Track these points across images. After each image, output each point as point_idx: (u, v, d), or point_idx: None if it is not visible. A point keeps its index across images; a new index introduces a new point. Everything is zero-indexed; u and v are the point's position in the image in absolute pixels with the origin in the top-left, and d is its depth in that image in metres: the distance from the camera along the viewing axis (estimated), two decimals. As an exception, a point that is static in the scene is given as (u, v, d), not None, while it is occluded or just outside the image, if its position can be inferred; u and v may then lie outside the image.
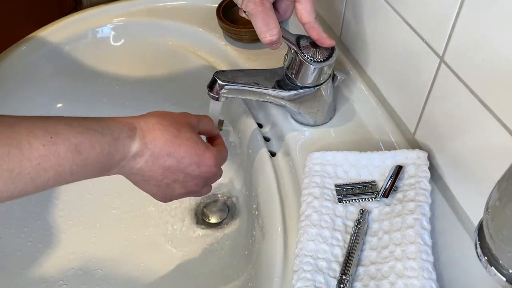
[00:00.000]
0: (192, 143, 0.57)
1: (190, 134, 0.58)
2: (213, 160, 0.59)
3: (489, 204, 0.38)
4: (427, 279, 0.52)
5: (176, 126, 0.57)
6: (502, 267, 0.38)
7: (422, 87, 0.62)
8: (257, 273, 0.65)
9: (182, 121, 0.58)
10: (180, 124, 0.58)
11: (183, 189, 0.60)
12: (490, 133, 0.52)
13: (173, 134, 0.56)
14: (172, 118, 0.58)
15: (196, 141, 0.58)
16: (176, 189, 0.60)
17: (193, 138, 0.58)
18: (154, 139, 0.55)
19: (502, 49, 0.47)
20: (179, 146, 0.56)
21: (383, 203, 0.61)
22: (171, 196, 0.61)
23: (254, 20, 0.62)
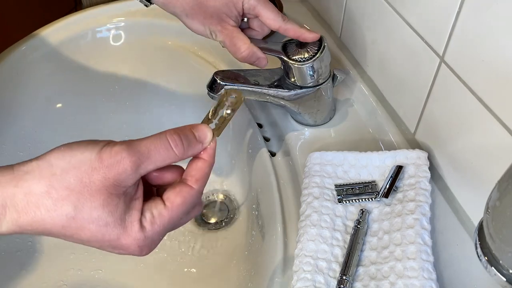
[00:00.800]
0: (98, 227, 0.40)
1: (98, 212, 0.39)
2: (135, 247, 0.42)
3: (489, 204, 0.38)
4: (427, 279, 0.52)
5: (76, 197, 0.39)
6: (502, 267, 0.38)
7: (422, 87, 0.62)
8: (257, 273, 0.65)
9: (94, 186, 0.39)
10: (87, 192, 0.39)
11: None
12: (490, 133, 0.52)
13: (66, 216, 0.39)
14: (77, 180, 0.39)
15: (106, 223, 0.40)
16: None
17: (101, 219, 0.40)
18: (33, 222, 0.39)
19: (502, 49, 0.47)
20: (79, 230, 0.40)
21: (383, 203, 0.60)
22: None
23: (225, 45, 0.65)
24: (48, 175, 0.39)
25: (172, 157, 0.43)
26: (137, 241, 0.42)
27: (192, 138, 0.44)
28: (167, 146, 0.42)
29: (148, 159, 0.41)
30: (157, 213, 0.43)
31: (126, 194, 0.41)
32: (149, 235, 0.42)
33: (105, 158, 0.40)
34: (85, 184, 0.39)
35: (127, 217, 0.41)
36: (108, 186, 0.40)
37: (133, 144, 0.41)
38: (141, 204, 0.43)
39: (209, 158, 0.46)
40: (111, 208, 0.40)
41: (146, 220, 0.42)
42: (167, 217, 0.43)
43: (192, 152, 0.44)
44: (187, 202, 0.44)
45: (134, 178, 0.41)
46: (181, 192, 0.44)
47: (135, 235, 0.42)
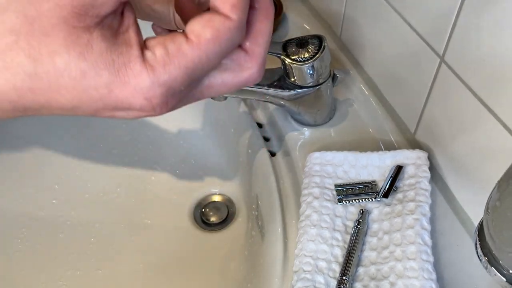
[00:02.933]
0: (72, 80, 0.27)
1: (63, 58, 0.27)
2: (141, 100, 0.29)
3: (490, 205, 0.38)
4: (427, 279, 0.52)
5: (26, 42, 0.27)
6: (503, 268, 0.38)
7: (422, 86, 0.61)
8: (256, 274, 0.64)
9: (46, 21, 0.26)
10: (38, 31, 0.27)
11: None
12: (490, 133, 0.51)
13: (25, 73, 0.27)
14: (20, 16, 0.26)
15: (82, 71, 0.27)
16: None
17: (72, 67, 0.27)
18: None
19: (503, 49, 0.47)
20: (53, 93, 0.28)
21: (383, 203, 0.60)
22: None
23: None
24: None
25: None
26: (142, 91, 0.28)
27: None
28: None
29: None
30: (175, 49, 0.29)
31: (102, 27, 0.28)
32: (162, 81, 0.28)
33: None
34: (32, 19, 0.26)
35: (115, 56, 0.28)
36: (66, 16, 0.26)
37: None
38: (137, 37, 0.29)
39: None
40: (80, 48, 0.27)
41: (155, 58, 0.28)
42: (193, 57, 0.29)
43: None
44: (222, 38, 0.29)
45: (107, 0, 0.27)
46: (211, 23, 0.29)
47: (136, 81, 0.28)
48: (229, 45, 0.30)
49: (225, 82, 0.32)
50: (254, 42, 0.32)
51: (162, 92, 0.28)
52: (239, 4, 0.29)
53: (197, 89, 0.32)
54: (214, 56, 0.29)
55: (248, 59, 0.32)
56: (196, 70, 0.29)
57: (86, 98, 0.28)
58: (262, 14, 0.32)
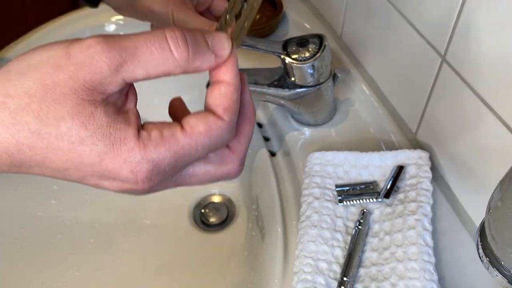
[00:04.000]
0: (70, 144, 0.30)
1: (67, 124, 0.30)
2: (127, 172, 0.31)
3: (491, 205, 0.37)
4: (428, 280, 0.51)
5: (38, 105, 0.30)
6: (504, 268, 0.38)
7: (423, 86, 0.61)
8: (257, 274, 0.64)
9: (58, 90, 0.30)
10: (50, 98, 0.30)
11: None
12: (492, 133, 0.51)
13: (30, 131, 0.30)
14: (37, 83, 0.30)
15: (80, 138, 0.30)
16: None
17: (73, 133, 0.30)
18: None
19: (504, 48, 0.47)
20: (49, 153, 0.31)
21: (384, 203, 0.60)
22: None
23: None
24: (3, 82, 0.31)
25: (170, 62, 0.32)
26: (131, 164, 0.31)
27: (202, 43, 0.33)
28: (164, 45, 0.31)
29: (134, 57, 0.31)
30: (169, 134, 0.32)
31: (107, 103, 0.31)
32: (151, 158, 0.31)
33: (73, 54, 0.30)
34: (47, 87, 0.30)
35: (113, 131, 0.31)
36: (77, 89, 0.30)
37: (114, 37, 0.31)
38: (136, 118, 0.33)
39: (233, 79, 0.34)
40: (83, 118, 0.30)
41: (149, 139, 0.31)
42: (183, 144, 0.32)
43: (200, 64, 0.33)
44: (213, 133, 0.32)
45: (115, 81, 0.31)
46: (205, 119, 0.33)
47: (127, 155, 0.30)
48: (219, 142, 0.33)
49: (207, 173, 0.36)
50: (238, 141, 0.36)
51: (148, 168, 0.31)
52: (231, 108, 0.34)
53: (181, 175, 0.35)
54: (202, 148, 0.33)
55: (231, 155, 0.36)
56: (184, 156, 0.32)
57: (78, 162, 0.31)
58: (246, 118, 0.37)
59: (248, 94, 0.37)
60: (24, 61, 0.31)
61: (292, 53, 0.64)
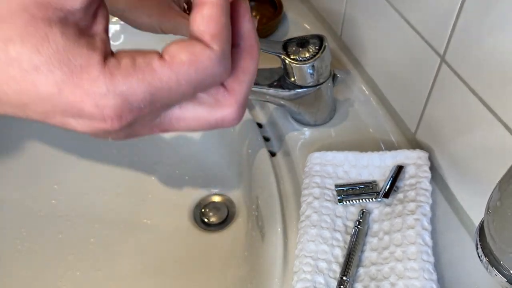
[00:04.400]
0: (23, 72, 0.25)
1: (16, 47, 0.24)
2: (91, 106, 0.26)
3: (490, 205, 0.37)
4: (427, 280, 0.52)
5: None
6: (503, 268, 0.38)
7: (423, 86, 0.61)
8: (256, 274, 0.64)
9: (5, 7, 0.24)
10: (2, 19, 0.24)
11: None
12: (491, 133, 0.51)
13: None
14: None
15: (34, 65, 0.25)
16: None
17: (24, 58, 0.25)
18: None
19: (504, 49, 0.47)
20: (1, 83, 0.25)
21: (384, 203, 0.60)
22: None
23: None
24: None
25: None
26: (94, 97, 0.25)
27: None
28: None
29: None
30: (143, 62, 0.26)
31: (66, 23, 0.25)
32: (119, 91, 0.25)
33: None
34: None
35: (72, 56, 0.25)
36: (26, 3, 0.24)
37: None
38: (104, 44, 0.27)
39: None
40: (35, 40, 0.24)
41: (118, 66, 0.26)
42: (161, 75, 0.26)
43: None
44: (200, 65, 0.26)
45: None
46: (190, 47, 0.26)
47: (89, 85, 0.25)
48: (208, 76, 0.27)
49: (198, 117, 0.30)
50: (235, 80, 0.30)
51: (116, 103, 0.26)
52: (220, 34, 0.27)
53: (165, 118, 0.30)
54: (186, 83, 0.27)
55: (227, 96, 0.30)
56: (163, 91, 0.26)
57: (34, 94, 0.25)
58: (246, 51, 0.30)
59: (249, 23, 0.30)
60: None
61: (292, 53, 0.64)
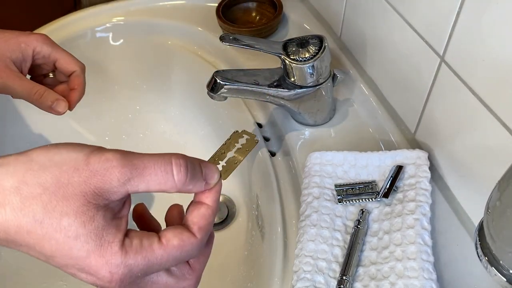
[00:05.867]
0: (66, 238, 0.34)
1: (69, 220, 0.34)
2: (106, 272, 0.35)
3: (490, 204, 0.38)
4: (427, 279, 0.52)
5: (48, 198, 0.34)
6: (503, 267, 0.38)
7: (422, 86, 0.61)
8: (257, 273, 0.64)
9: (70, 189, 0.34)
10: (61, 194, 0.34)
11: None
12: (490, 133, 0.51)
13: (33, 219, 0.34)
14: (54, 178, 0.34)
15: (76, 234, 0.34)
16: None
17: (72, 229, 0.34)
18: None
19: (503, 49, 0.47)
20: (43, 240, 0.34)
21: (383, 203, 0.60)
22: None
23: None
24: (24, 169, 0.34)
25: (169, 184, 0.37)
26: (110, 266, 0.35)
27: (198, 172, 0.39)
28: (168, 169, 0.37)
29: (142, 176, 0.36)
30: (148, 244, 0.36)
31: (107, 209, 0.36)
32: (128, 264, 0.35)
33: (92, 162, 0.35)
34: (61, 184, 0.34)
35: (105, 234, 0.35)
36: (87, 192, 0.34)
37: (128, 155, 0.36)
38: (126, 225, 0.37)
39: (213, 204, 0.40)
40: (85, 218, 0.34)
41: (131, 246, 0.36)
42: (157, 255, 0.37)
43: (192, 187, 0.38)
44: (185, 248, 0.37)
45: (120, 192, 0.35)
46: (181, 235, 0.38)
47: (110, 257, 0.35)
48: (187, 256, 0.38)
49: (167, 284, 0.40)
50: (197, 261, 0.41)
51: (124, 272, 0.35)
52: (205, 228, 0.39)
53: (145, 280, 0.38)
54: (173, 259, 0.37)
55: (190, 272, 0.40)
56: (156, 265, 0.37)
57: (66, 253, 0.34)
58: (208, 241, 0.41)
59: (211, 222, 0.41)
60: (47, 156, 0.35)
61: (292, 53, 0.64)
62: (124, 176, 0.35)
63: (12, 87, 0.61)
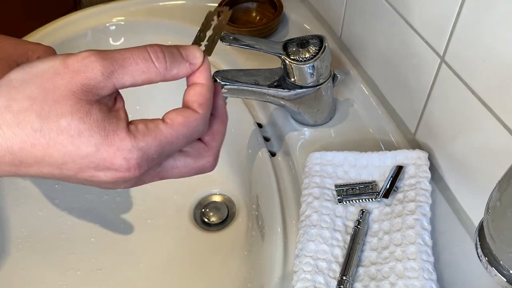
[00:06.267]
0: (70, 137, 0.34)
1: (66, 119, 0.34)
2: (121, 160, 0.35)
3: (490, 205, 0.38)
4: (427, 279, 0.52)
5: (39, 106, 0.34)
6: (503, 268, 0.38)
7: (422, 87, 0.61)
8: (257, 274, 0.64)
9: (58, 92, 0.34)
10: (51, 99, 0.34)
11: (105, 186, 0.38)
12: (490, 133, 0.51)
13: (32, 129, 0.34)
14: (39, 88, 0.34)
15: (79, 131, 0.34)
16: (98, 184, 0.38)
17: (72, 127, 0.34)
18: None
19: (503, 49, 0.47)
20: (50, 148, 0.34)
21: (383, 203, 0.60)
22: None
23: None
24: (7, 89, 0.34)
25: (152, 71, 0.37)
26: (123, 152, 0.35)
27: (178, 55, 0.39)
28: (146, 57, 0.37)
29: (123, 67, 0.36)
30: (153, 126, 0.37)
31: (100, 103, 0.36)
32: (140, 146, 0.36)
33: (70, 63, 0.35)
34: (48, 90, 0.34)
35: (107, 124, 0.35)
36: (75, 91, 0.34)
37: (103, 51, 0.36)
38: (125, 115, 0.37)
39: (206, 81, 0.40)
40: (81, 114, 0.34)
41: (137, 130, 0.36)
42: (166, 133, 0.37)
43: (177, 71, 0.39)
44: (190, 124, 0.38)
45: (107, 86, 0.36)
46: (183, 112, 0.38)
47: (120, 143, 0.35)
48: (195, 131, 0.38)
49: (187, 165, 0.40)
50: (212, 138, 0.41)
51: (138, 155, 0.36)
52: (205, 103, 0.39)
53: (164, 168, 0.39)
54: (182, 137, 0.38)
55: (206, 149, 0.41)
56: (167, 145, 0.37)
57: (76, 154, 0.35)
58: (219, 119, 0.42)
59: (221, 98, 0.43)
60: (25, 71, 0.35)
61: (292, 53, 0.64)
62: (107, 68, 0.35)
63: None
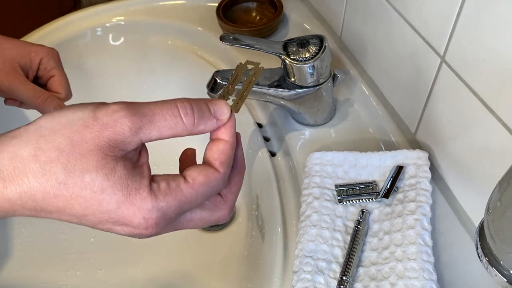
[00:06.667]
0: (93, 193, 0.34)
1: (91, 175, 0.34)
2: (140, 219, 0.35)
3: (490, 205, 0.38)
4: (427, 279, 0.52)
5: (66, 159, 0.34)
6: (503, 268, 0.38)
7: (423, 87, 0.61)
8: (257, 274, 0.64)
9: (85, 146, 0.35)
10: (77, 152, 0.34)
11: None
12: (491, 133, 0.51)
13: (57, 181, 0.34)
14: (66, 139, 0.35)
15: (102, 188, 0.34)
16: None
17: (96, 183, 0.34)
18: (22, 193, 0.34)
19: (503, 49, 0.47)
20: (72, 200, 0.35)
21: (384, 203, 0.60)
22: None
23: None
24: (36, 137, 0.35)
25: (179, 127, 0.37)
26: (143, 212, 0.35)
27: (206, 111, 0.39)
28: (175, 113, 0.37)
29: (151, 123, 0.36)
30: (175, 185, 0.37)
31: (126, 159, 0.36)
32: (160, 207, 0.36)
33: (100, 117, 0.35)
34: (75, 143, 0.34)
35: (130, 183, 0.35)
36: (102, 146, 0.35)
37: (135, 105, 0.37)
38: (149, 171, 0.38)
39: (230, 139, 0.40)
40: (106, 171, 0.34)
41: (159, 189, 0.36)
42: (186, 194, 0.37)
43: (204, 127, 0.39)
44: (211, 184, 0.38)
45: (134, 141, 0.36)
46: (204, 171, 0.38)
47: (141, 203, 0.35)
48: (214, 190, 0.39)
49: (203, 218, 0.41)
50: (229, 191, 0.41)
51: (157, 215, 0.36)
52: (226, 162, 0.39)
53: (180, 221, 0.39)
54: (202, 196, 0.38)
55: (223, 202, 0.41)
56: (187, 204, 0.37)
57: (97, 209, 0.35)
58: (237, 171, 0.42)
59: (241, 150, 0.43)
60: (54, 119, 0.36)
61: (293, 53, 0.64)
62: (135, 124, 0.35)
63: (18, 90, 0.63)
